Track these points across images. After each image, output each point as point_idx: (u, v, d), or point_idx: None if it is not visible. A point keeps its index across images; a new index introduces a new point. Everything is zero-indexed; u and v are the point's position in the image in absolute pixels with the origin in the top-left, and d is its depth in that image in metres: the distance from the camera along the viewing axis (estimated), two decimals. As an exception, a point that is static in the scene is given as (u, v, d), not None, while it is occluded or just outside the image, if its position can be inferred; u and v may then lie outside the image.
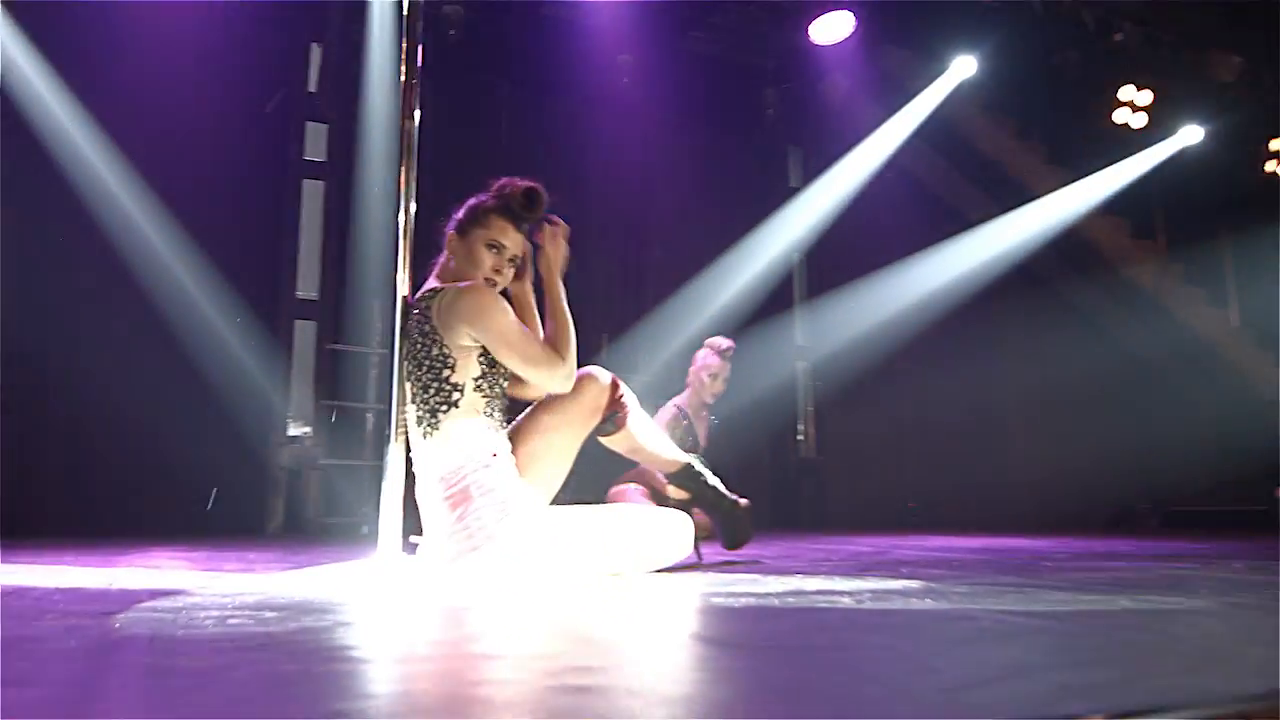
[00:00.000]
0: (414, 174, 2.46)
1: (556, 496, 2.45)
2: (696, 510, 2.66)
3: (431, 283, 2.39)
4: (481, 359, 2.25)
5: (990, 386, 7.44)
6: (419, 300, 2.31)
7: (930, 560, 2.91)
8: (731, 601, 1.73)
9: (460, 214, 2.41)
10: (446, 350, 2.22)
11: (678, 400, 4.66)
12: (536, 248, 2.42)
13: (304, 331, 5.31)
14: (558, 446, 2.41)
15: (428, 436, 2.21)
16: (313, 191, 5.45)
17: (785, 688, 0.94)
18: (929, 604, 1.69)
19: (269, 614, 1.50)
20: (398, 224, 2.44)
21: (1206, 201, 7.64)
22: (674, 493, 2.72)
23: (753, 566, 2.61)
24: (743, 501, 2.67)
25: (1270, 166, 7.46)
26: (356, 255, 5.28)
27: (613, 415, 2.45)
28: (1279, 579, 2.37)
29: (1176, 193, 7.42)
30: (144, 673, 1.00)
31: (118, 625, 1.36)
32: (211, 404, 4.73)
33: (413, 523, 2.34)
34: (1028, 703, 0.86)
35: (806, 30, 5.71)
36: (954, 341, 6.93)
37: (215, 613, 1.51)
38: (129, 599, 1.70)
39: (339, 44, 5.46)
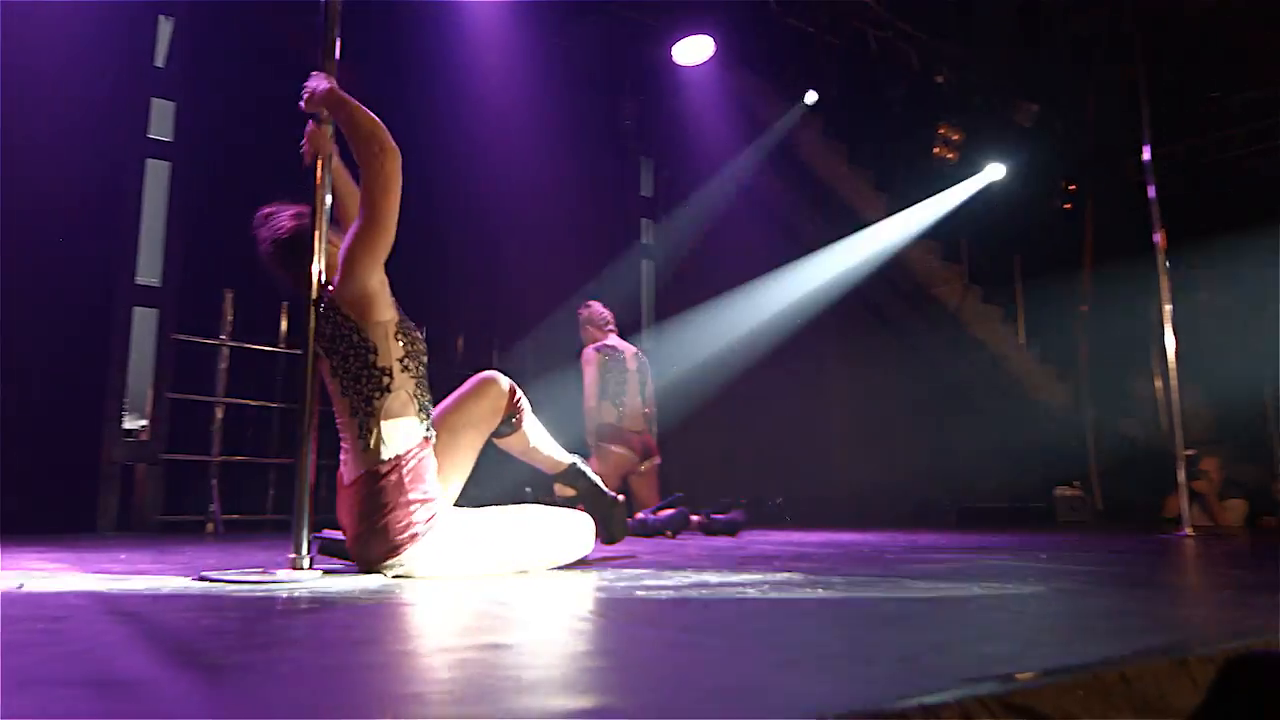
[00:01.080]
0: (329, 170, 2.47)
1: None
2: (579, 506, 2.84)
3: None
4: (399, 337, 2.30)
5: (816, 396, 8.03)
6: (323, 294, 2.34)
7: (789, 554, 3.21)
8: (656, 594, 1.91)
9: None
10: (364, 334, 2.26)
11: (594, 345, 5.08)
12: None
13: (144, 319, 5.03)
14: (464, 446, 2.52)
15: (364, 428, 2.24)
16: (157, 172, 5.16)
17: (781, 662, 1.13)
18: (823, 593, 1.94)
19: (230, 614, 1.55)
20: (312, 216, 2.45)
21: (1004, 230, 8.56)
22: (560, 490, 2.88)
23: (638, 561, 2.81)
24: (620, 498, 2.89)
25: (1058, 203, 8.44)
26: (206, 241, 5.06)
27: (510, 417, 2.60)
28: (1075, 567, 2.82)
29: (980, 221, 8.27)
30: (219, 671, 1.07)
31: (91, 629, 1.37)
32: (42, 393, 4.43)
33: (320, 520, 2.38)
34: (964, 668, 1.09)
35: (669, 49, 5.97)
36: (785, 354, 7.42)
37: (172, 615, 1.54)
38: (60, 603, 1.68)
39: (192, 17, 5.20)
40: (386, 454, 2.23)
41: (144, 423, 4.97)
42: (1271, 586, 2.15)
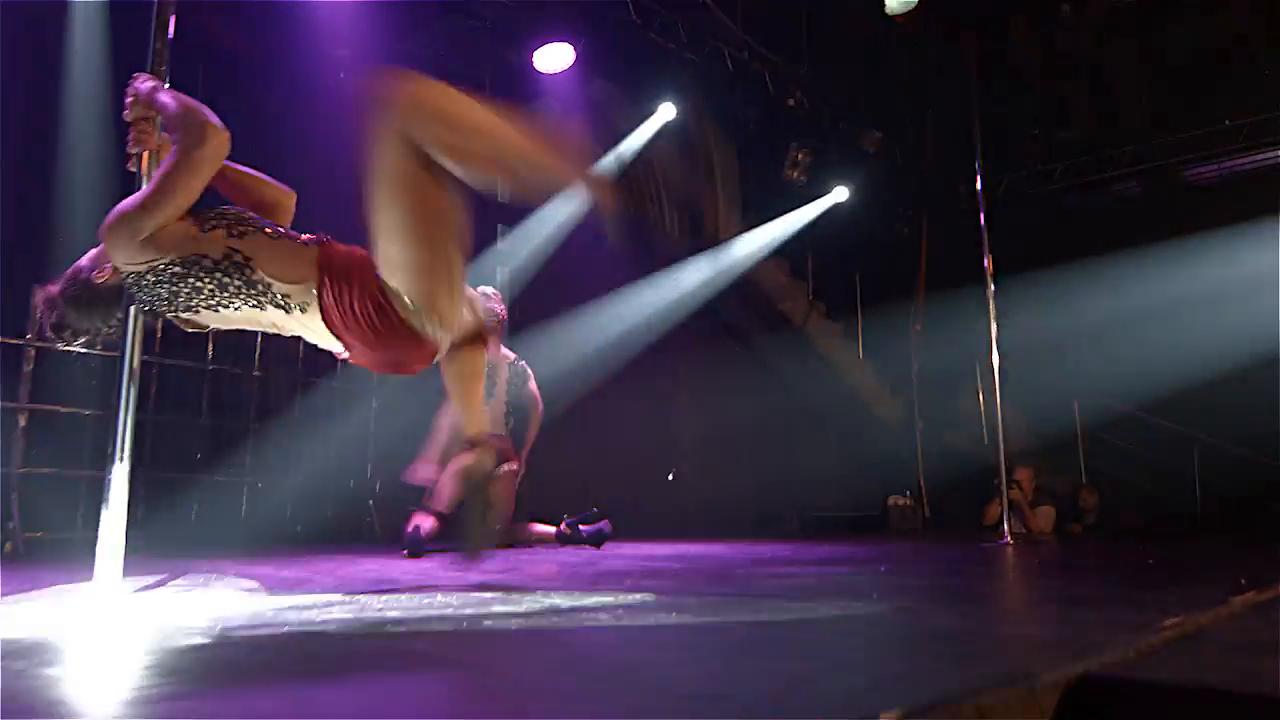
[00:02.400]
0: (154, 165, 2.29)
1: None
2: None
3: None
4: (207, 225, 2.10)
5: (666, 407, 8.10)
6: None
7: (640, 570, 3.18)
8: (505, 623, 1.82)
9: None
10: (179, 256, 2.06)
11: None
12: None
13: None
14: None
15: (275, 300, 2.14)
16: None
17: (645, 707, 1.09)
18: (677, 619, 1.91)
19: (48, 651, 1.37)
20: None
21: (847, 250, 8.94)
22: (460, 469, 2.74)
23: (487, 583, 2.70)
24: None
25: (898, 226, 8.90)
26: (13, 231, 4.57)
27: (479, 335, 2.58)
28: (913, 581, 2.93)
29: (825, 240, 8.60)
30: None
31: None
32: None
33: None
34: (829, 706, 1.08)
35: (530, 55, 5.89)
36: (638, 366, 7.46)
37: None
38: None
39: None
40: (308, 284, 2.12)
41: (-73, 430, 4.44)
42: (1088, 600, 2.30)
